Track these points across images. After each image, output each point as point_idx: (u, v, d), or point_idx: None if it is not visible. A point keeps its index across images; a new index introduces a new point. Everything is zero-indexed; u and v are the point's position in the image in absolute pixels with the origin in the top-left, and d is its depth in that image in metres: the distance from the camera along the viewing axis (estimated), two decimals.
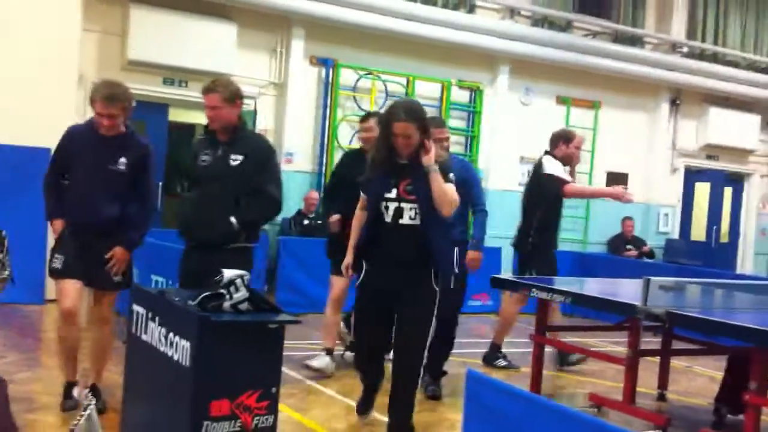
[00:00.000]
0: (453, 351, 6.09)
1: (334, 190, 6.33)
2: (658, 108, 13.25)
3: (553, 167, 6.74)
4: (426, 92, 11.22)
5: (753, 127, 13.74)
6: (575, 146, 6.93)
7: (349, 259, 4.66)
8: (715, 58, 13.42)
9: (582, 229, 12.78)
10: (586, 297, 5.46)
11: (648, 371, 6.16)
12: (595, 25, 12.51)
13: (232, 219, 4.61)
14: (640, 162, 13.22)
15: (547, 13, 12.14)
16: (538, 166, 6.92)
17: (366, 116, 6.42)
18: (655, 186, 13.31)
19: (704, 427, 5.39)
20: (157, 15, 9.38)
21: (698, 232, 14.06)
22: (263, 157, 4.75)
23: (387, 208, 4.42)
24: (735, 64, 13.57)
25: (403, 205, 4.40)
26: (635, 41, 12.86)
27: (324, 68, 10.76)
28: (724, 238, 14.16)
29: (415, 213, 4.39)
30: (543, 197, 6.77)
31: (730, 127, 13.51)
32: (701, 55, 13.32)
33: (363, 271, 4.59)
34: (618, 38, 12.68)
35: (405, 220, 4.39)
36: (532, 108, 12.34)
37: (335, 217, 6.09)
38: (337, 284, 6.14)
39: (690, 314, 4.65)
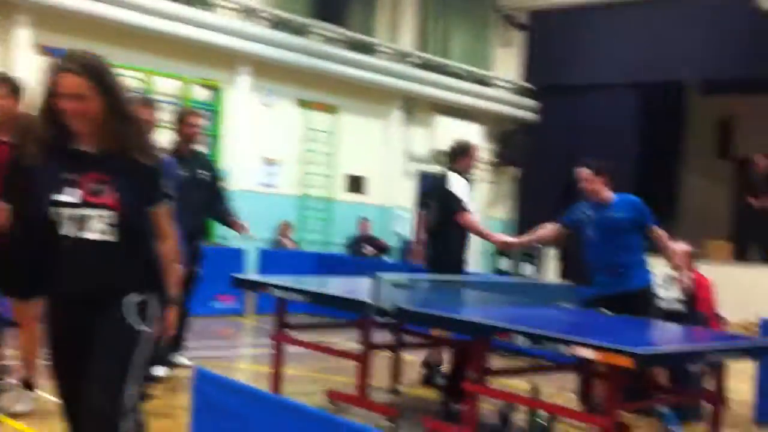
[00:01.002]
0: (194, 355, 5.97)
1: None
2: (390, 114, 13.92)
3: (459, 188, 6.53)
4: (166, 89, 10.92)
5: (476, 136, 14.83)
6: (473, 157, 6.86)
7: None
8: (441, 69, 14.35)
9: (323, 229, 13.10)
10: (322, 295, 5.59)
11: (385, 366, 6.46)
12: (331, 32, 12.87)
13: None
14: (377, 166, 13.80)
15: (287, 17, 12.30)
16: (442, 181, 6.69)
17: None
18: (390, 189, 13.96)
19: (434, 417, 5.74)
20: None
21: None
22: None
23: (60, 215, 3.06)
24: (459, 76, 14.60)
25: (88, 212, 3.04)
26: (368, 49, 13.41)
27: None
28: None
29: (108, 223, 3.04)
30: (446, 214, 6.54)
31: (456, 135, 14.43)
32: (429, 66, 14.18)
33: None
34: (353, 45, 13.15)
35: (92, 233, 3.04)
36: (274, 110, 12.44)
37: None
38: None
39: (416, 309, 4.94)
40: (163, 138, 6.23)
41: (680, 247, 6.81)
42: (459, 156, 6.73)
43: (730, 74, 12.75)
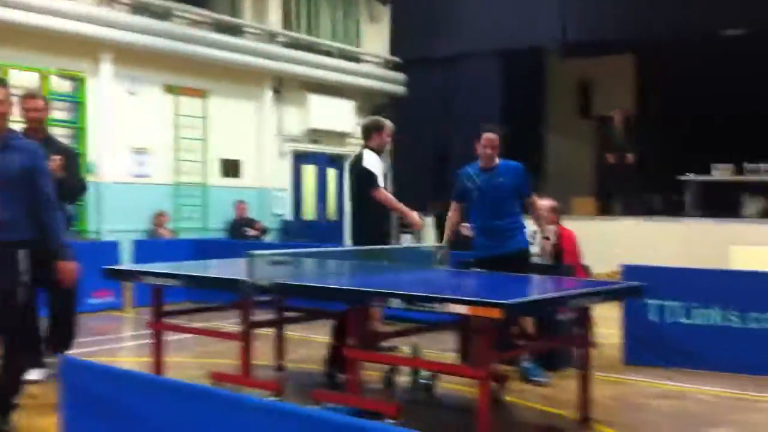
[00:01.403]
0: (71, 353, 5.82)
1: None
2: (262, 96, 13.82)
3: (372, 163, 6.59)
4: (23, 82, 10.45)
5: (348, 112, 14.95)
6: (387, 135, 6.83)
7: None
8: (310, 47, 14.34)
9: (200, 216, 12.91)
10: (197, 278, 5.56)
11: (270, 345, 6.49)
12: (195, 14, 12.64)
13: None
14: (251, 148, 13.69)
15: (147, 1, 11.98)
16: (358, 159, 6.70)
17: None
18: (266, 171, 13.89)
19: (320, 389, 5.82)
20: None
21: (309, 211, 14.98)
22: None
23: None
24: (328, 53, 14.63)
25: None
26: (235, 31, 13.24)
27: None
28: (333, 216, 15.26)
29: None
30: (362, 190, 6.59)
31: (329, 113, 14.56)
32: (298, 45, 14.14)
33: None
34: (219, 27, 12.95)
35: None
36: (140, 98, 12.13)
37: None
38: None
39: (293, 283, 4.99)
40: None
41: (545, 202, 7.13)
42: (372, 133, 6.79)
43: (587, 37, 13.28)
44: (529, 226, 6.84)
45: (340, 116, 14.84)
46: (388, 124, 6.99)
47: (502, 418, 5.20)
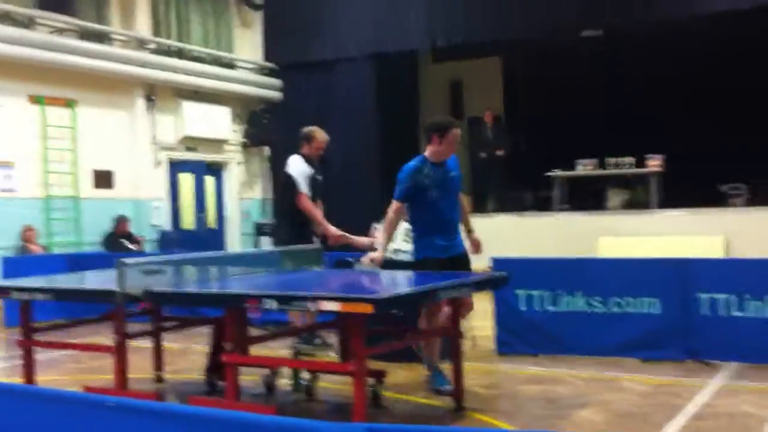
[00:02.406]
0: None
1: None
2: (134, 104, 13.51)
3: (296, 168, 7.24)
4: None
5: (224, 119, 14.83)
6: (317, 145, 7.55)
7: None
8: (181, 54, 14.14)
9: (73, 230, 12.51)
10: (67, 291, 5.44)
11: (149, 358, 6.40)
12: (59, 22, 12.24)
13: None
14: (124, 158, 13.36)
15: (8, 9, 11.53)
16: (286, 163, 7.38)
17: None
18: (142, 181, 13.59)
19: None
20: None
21: (188, 220, 14.74)
22: None
23: None
24: (201, 60, 14.46)
25: None
26: (102, 38, 12.92)
27: None
28: (212, 225, 15.08)
29: None
30: (286, 195, 7.19)
31: (204, 120, 14.39)
32: (169, 52, 13.92)
33: None
34: (85, 35, 12.60)
35: None
36: (4, 109, 11.65)
37: None
38: None
39: (165, 290, 4.96)
40: None
41: None
42: (304, 142, 7.54)
43: (456, 41, 13.65)
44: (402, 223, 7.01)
45: (216, 123, 14.69)
46: (318, 135, 7.68)
47: (380, 413, 5.34)
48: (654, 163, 12.72)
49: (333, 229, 7.33)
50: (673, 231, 11.70)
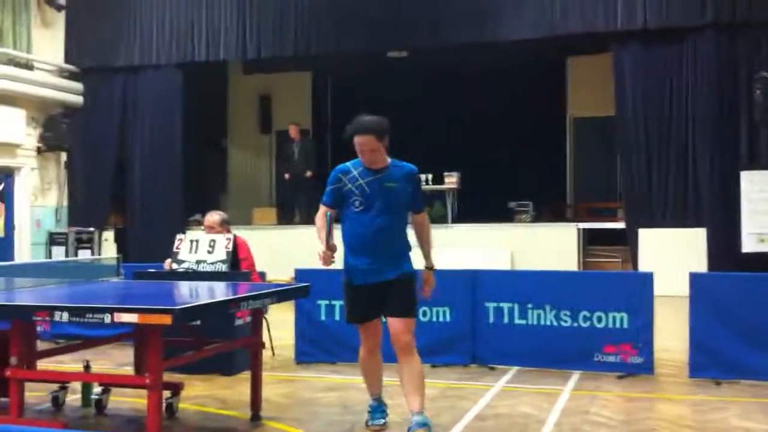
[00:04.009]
0: None
1: None
2: None
3: None
4: None
5: (18, 122, 14.00)
6: None
7: None
8: None
9: None
10: None
11: None
12: None
13: None
14: None
15: None
16: None
17: None
18: None
19: None
20: None
21: None
22: None
23: None
24: None
25: None
26: None
27: None
28: (0, 233, 14.17)
29: None
30: None
31: None
32: None
33: None
34: None
35: None
36: None
37: None
38: None
39: None
40: None
41: (215, 216, 7.42)
42: None
43: (266, 54, 13.70)
44: (203, 235, 7.01)
45: (9, 126, 13.83)
46: None
47: (175, 425, 5.30)
48: (451, 180, 13.39)
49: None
50: (465, 244, 12.37)
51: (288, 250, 11.34)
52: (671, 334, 7.65)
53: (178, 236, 7.19)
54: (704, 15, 11.29)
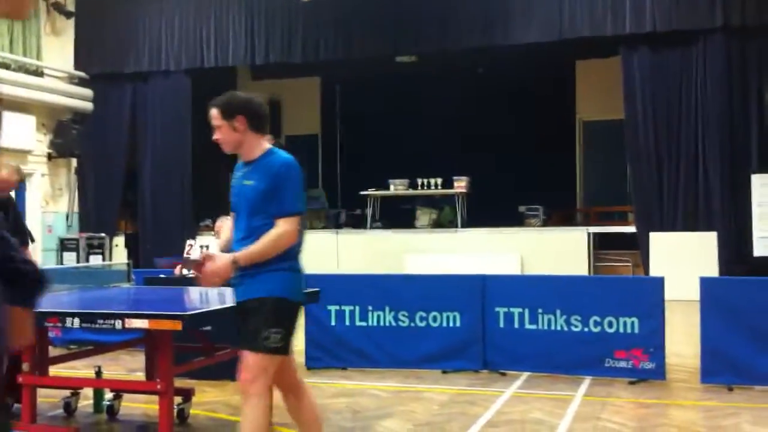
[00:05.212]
0: None
1: None
2: None
3: None
4: None
5: (29, 128, 14.07)
6: None
7: None
8: None
9: None
10: None
11: None
12: None
13: None
14: None
15: None
16: None
17: None
18: None
19: None
20: None
21: None
22: None
23: None
24: (5, 66, 13.68)
25: None
26: None
27: None
28: None
29: None
30: None
31: (8, 129, 13.56)
32: None
33: None
34: None
35: None
36: None
37: None
38: None
39: None
40: None
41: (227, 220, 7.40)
42: None
43: (275, 59, 13.75)
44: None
45: (21, 133, 13.91)
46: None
47: (185, 431, 5.31)
48: (460, 185, 13.38)
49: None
50: (475, 249, 12.36)
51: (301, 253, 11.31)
52: (683, 339, 7.62)
53: (189, 242, 7.22)
54: (714, 18, 11.25)
